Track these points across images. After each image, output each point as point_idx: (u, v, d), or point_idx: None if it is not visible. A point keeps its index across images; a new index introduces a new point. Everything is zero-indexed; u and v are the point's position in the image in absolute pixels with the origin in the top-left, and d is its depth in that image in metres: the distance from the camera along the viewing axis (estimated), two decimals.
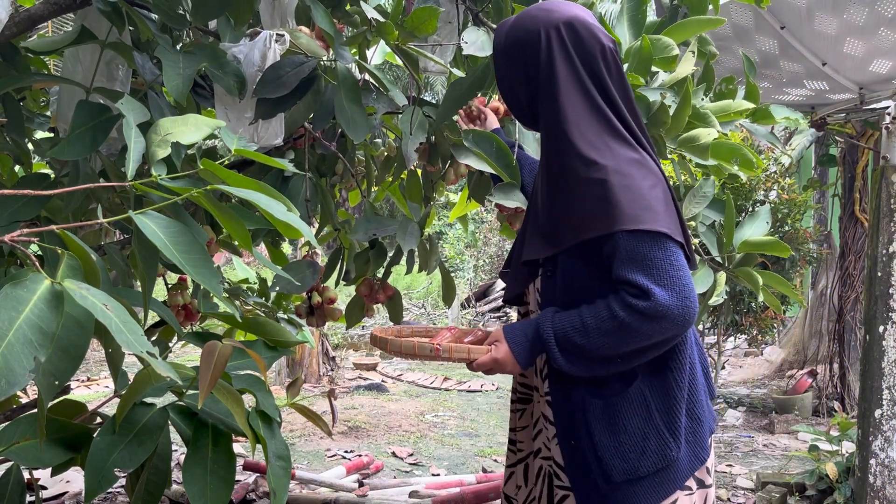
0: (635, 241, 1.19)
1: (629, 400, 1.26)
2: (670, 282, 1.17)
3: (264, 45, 1.56)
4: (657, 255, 1.18)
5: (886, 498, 2.88)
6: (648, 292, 1.17)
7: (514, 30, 1.36)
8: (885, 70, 3.07)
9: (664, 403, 1.26)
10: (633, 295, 1.19)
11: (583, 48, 1.30)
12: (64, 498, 3.23)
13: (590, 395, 1.27)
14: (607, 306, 1.21)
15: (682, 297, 1.17)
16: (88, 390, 6.12)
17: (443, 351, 1.30)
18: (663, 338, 1.20)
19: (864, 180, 5.03)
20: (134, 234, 1.03)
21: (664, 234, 1.20)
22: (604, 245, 1.23)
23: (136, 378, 1.19)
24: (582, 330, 1.22)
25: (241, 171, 1.91)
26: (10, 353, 0.73)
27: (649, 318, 1.17)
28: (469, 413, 5.66)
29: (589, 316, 1.23)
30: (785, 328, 6.75)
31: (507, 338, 1.30)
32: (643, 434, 1.24)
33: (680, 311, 1.17)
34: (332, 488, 3.50)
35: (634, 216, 1.19)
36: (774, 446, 4.80)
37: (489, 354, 1.30)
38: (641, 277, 1.18)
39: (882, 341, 2.90)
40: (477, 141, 1.68)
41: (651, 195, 1.22)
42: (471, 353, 1.31)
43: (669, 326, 1.18)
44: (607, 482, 1.25)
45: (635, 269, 1.19)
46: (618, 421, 1.25)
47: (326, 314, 1.99)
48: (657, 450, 1.24)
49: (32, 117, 2.06)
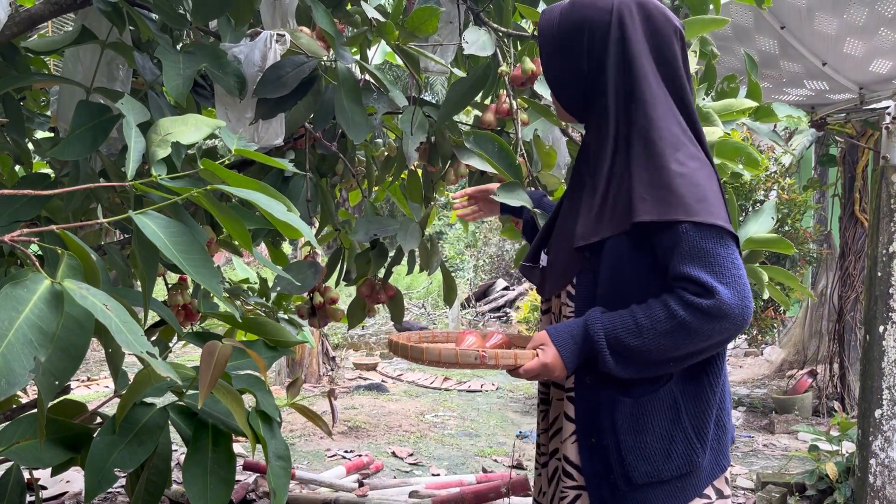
0: (699, 235, 1.14)
1: (659, 401, 1.21)
2: (732, 280, 1.13)
3: (265, 46, 1.56)
4: (720, 251, 1.14)
5: (886, 498, 2.88)
6: (713, 290, 1.12)
7: (575, 10, 1.28)
8: (885, 70, 3.07)
9: (695, 407, 1.22)
10: (695, 293, 1.13)
11: (657, 31, 1.24)
12: (64, 498, 3.23)
13: (619, 394, 1.23)
14: (664, 305, 1.15)
15: (742, 296, 1.13)
16: (88, 390, 6.12)
17: (489, 358, 1.21)
18: (721, 339, 1.16)
19: (864, 180, 5.03)
20: (134, 234, 1.03)
21: (725, 230, 1.15)
22: (660, 235, 1.17)
23: (136, 378, 1.19)
24: (636, 331, 1.16)
25: (242, 171, 1.91)
26: (10, 353, 0.73)
27: (711, 318, 1.12)
28: (469, 413, 5.66)
29: (643, 316, 1.17)
30: (785, 328, 6.75)
31: (555, 341, 1.23)
32: (670, 437, 1.21)
33: (740, 311, 1.13)
34: (332, 488, 3.50)
35: (695, 208, 1.14)
36: (774, 446, 4.80)
37: (536, 360, 1.22)
38: (705, 275, 1.13)
39: (882, 341, 2.90)
40: (478, 141, 1.67)
41: (708, 187, 1.18)
42: (517, 359, 1.23)
43: (729, 326, 1.14)
44: (628, 483, 1.21)
45: (698, 265, 1.13)
46: (645, 421, 1.21)
47: (328, 314, 1.99)
48: (683, 454, 1.21)
49: (33, 117, 2.06)
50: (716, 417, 1.24)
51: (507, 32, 1.83)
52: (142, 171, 1.12)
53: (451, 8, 1.91)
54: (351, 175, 2.20)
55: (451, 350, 1.24)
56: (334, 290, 2.02)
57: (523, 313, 6.56)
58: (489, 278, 11.87)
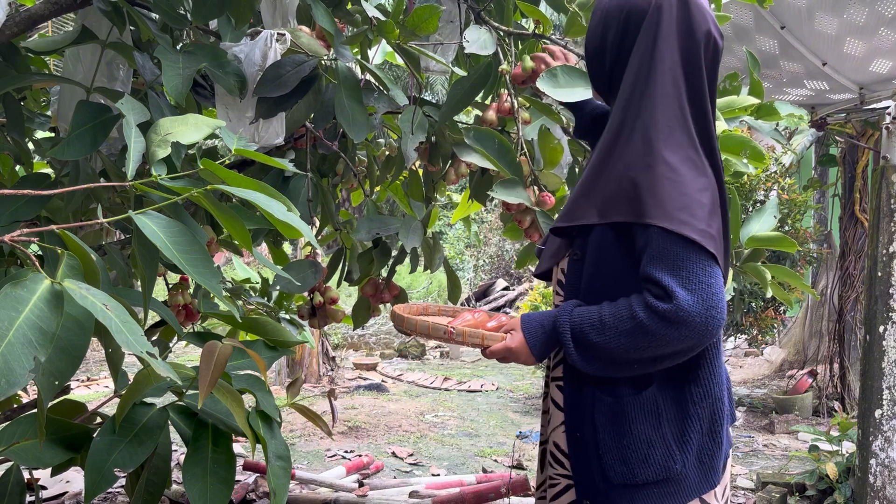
0: (670, 237, 1.12)
1: (640, 405, 1.21)
2: (698, 287, 1.10)
3: (265, 45, 1.56)
4: (690, 256, 1.11)
5: (886, 498, 2.88)
6: (672, 294, 1.10)
7: None
8: (885, 70, 3.07)
9: (677, 415, 1.21)
10: (656, 295, 1.12)
11: (690, 30, 1.21)
12: (64, 498, 3.23)
13: (600, 392, 1.23)
14: (628, 305, 1.15)
15: (707, 305, 1.10)
16: (88, 390, 6.12)
17: (456, 334, 1.25)
18: (682, 346, 1.13)
19: (864, 180, 5.03)
20: (134, 234, 1.03)
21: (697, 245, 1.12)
22: (638, 235, 1.17)
23: (136, 378, 1.19)
24: (599, 327, 1.16)
25: (242, 170, 1.91)
26: (10, 353, 0.73)
27: (668, 323, 1.10)
28: (469, 413, 5.66)
29: (608, 314, 1.16)
30: (785, 328, 6.75)
31: (524, 327, 1.24)
32: (648, 441, 1.19)
33: (702, 320, 1.10)
34: (332, 488, 3.50)
35: (671, 214, 1.12)
36: (774, 446, 4.80)
37: (503, 343, 1.25)
38: (667, 277, 1.10)
39: (882, 341, 2.90)
40: (479, 138, 1.67)
41: (696, 198, 1.15)
42: (485, 340, 1.25)
43: (689, 335, 1.11)
44: (605, 482, 1.22)
45: (663, 267, 1.11)
46: (625, 423, 1.20)
47: (329, 315, 1.99)
48: (660, 460, 1.19)
49: (33, 117, 2.06)
50: (707, 429, 1.22)
51: (509, 31, 1.83)
52: (142, 171, 1.12)
53: (452, 7, 1.91)
54: (352, 175, 2.20)
55: (424, 321, 1.29)
56: (335, 290, 2.02)
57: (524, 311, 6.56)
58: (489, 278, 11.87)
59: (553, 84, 1.61)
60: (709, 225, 1.15)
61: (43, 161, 2.23)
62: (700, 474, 1.23)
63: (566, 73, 1.64)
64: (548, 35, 1.86)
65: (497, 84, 1.88)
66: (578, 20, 1.73)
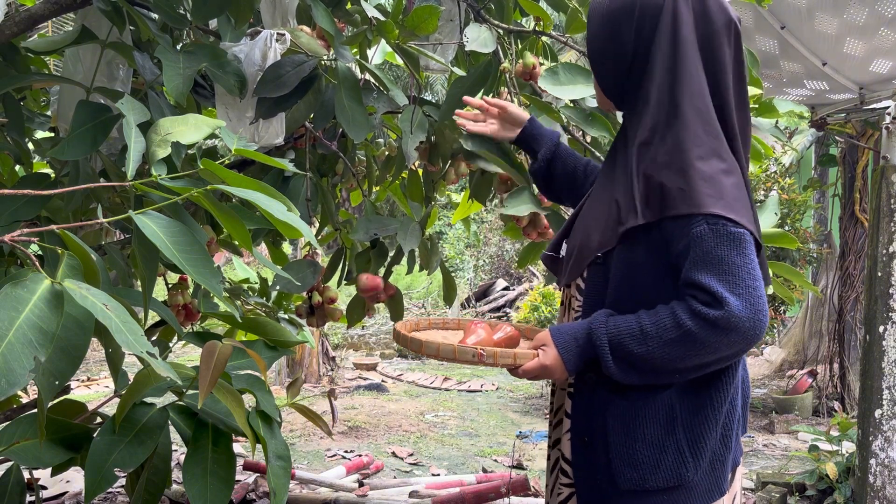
0: (714, 241, 1.08)
1: (654, 409, 1.17)
2: (746, 291, 1.06)
3: (265, 45, 1.56)
4: (735, 260, 1.07)
5: (886, 498, 2.88)
6: (723, 300, 1.06)
7: None
8: (885, 70, 3.07)
9: (693, 421, 1.16)
10: (704, 302, 1.07)
11: (709, 21, 1.18)
12: (64, 498, 3.23)
13: (615, 395, 1.19)
14: (671, 313, 1.10)
15: (755, 309, 1.06)
16: (88, 390, 6.12)
17: (487, 356, 1.17)
18: (729, 353, 1.11)
19: (864, 180, 5.04)
20: (134, 234, 1.03)
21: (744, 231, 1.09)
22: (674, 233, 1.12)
23: (136, 378, 1.19)
24: (640, 338, 1.11)
25: (242, 170, 1.91)
26: (10, 353, 0.73)
27: (719, 330, 1.06)
28: (469, 413, 5.66)
29: (649, 322, 1.11)
30: (785, 328, 6.75)
31: (556, 342, 1.18)
32: (661, 446, 1.16)
33: (751, 325, 1.07)
34: (332, 488, 3.50)
35: (709, 202, 1.09)
36: (774, 446, 4.80)
37: (536, 360, 1.19)
38: (716, 283, 1.06)
39: (882, 341, 2.90)
40: (479, 142, 1.67)
41: (730, 189, 1.12)
42: (517, 359, 1.19)
43: (738, 340, 1.08)
44: (612, 487, 1.18)
45: (710, 272, 1.07)
46: (637, 427, 1.16)
47: (327, 314, 1.99)
48: (672, 466, 1.15)
49: (33, 117, 2.05)
50: (722, 437, 1.19)
51: (509, 29, 1.83)
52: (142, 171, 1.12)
53: (452, 6, 1.91)
54: (351, 174, 2.20)
55: (449, 346, 1.21)
56: (334, 289, 2.02)
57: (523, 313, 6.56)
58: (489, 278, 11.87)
59: (554, 81, 1.61)
60: (750, 215, 1.13)
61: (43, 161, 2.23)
62: (711, 481, 1.19)
63: (567, 71, 1.64)
64: (548, 32, 1.86)
65: (497, 83, 1.88)
66: (579, 16, 1.73)
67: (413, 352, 1.27)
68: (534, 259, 2.13)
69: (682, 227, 1.11)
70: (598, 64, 1.28)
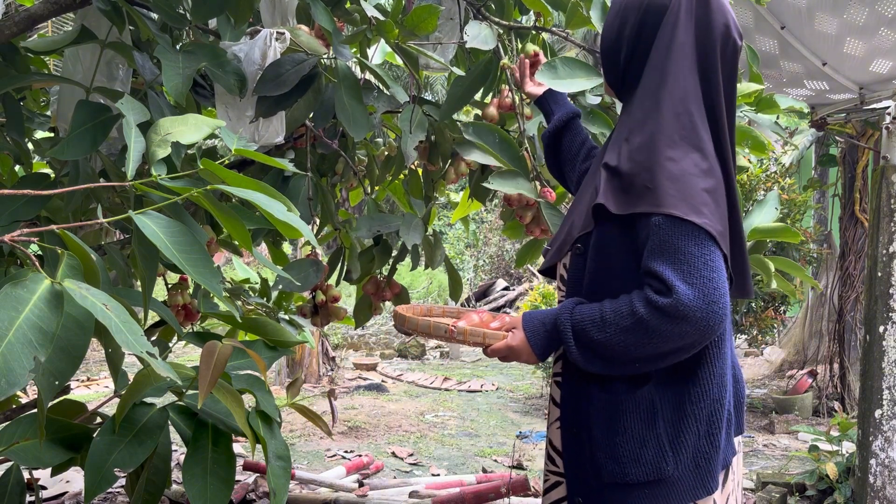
0: (672, 231, 1.09)
1: (635, 403, 1.18)
2: (700, 281, 1.07)
3: (265, 44, 1.56)
4: (692, 250, 1.08)
5: (886, 498, 2.88)
6: (672, 288, 1.07)
7: None
8: (885, 70, 3.07)
9: (673, 415, 1.18)
10: (656, 290, 1.09)
11: (708, 28, 1.21)
12: (64, 498, 3.23)
13: (597, 389, 1.21)
14: (629, 301, 1.12)
15: (708, 300, 1.06)
16: (88, 390, 6.12)
17: (457, 333, 1.25)
18: (683, 343, 1.11)
19: (864, 180, 5.04)
20: (134, 234, 1.03)
21: (704, 231, 1.10)
22: (640, 228, 1.15)
23: (135, 378, 1.19)
24: (600, 324, 1.14)
25: (241, 170, 1.91)
26: (10, 353, 0.73)
27: (668, 318, 1.07)
28: (469, 413, 5.66)
29: (609, 310, 1.14)
30: (785, 328, 6.75)
31: (525, 326, 1.23)
32: (641, 441, 1.17)
33: (703, 315, 1.06)
34: (332, 488, 3.50)
35: (675, 203, 1.10)
36: (774, 446, 4.80)
37: (504, 341, 1.24)
38: (668, 271, 1.08)
39: (882, 341, 2.90)
40: (479, 133, 1.66)
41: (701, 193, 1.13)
42: (486, 339, 1.25)
43: (690, 331, 1.08)
44: (597, 480, 1.21)
45: (664, 260, 1.09)
46: (619, 421, 1.19)
47: (331, 313, 1.99)
48: (652, 460, 1.17)
49: (32, 117, 2.05)
50: (705, 432, 1.19)
51: (509, 26, 1.83)
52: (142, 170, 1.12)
53: (451, 5, 1.90)
54: (352, 174, 2.20)
55: (426, 321, 1.30)
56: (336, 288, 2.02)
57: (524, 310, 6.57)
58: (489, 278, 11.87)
59: (552, 76, 1.62)
60: (713, 220, 1.12)
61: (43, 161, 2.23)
62: (695, 479, 1.19)
63: (566, 65, 1.64)
64: (549, 28, 1.86)
65: (498, 80, 1.88)
66: (579, 11, 1.73)
67: (397, 327, 1.37)
68: (532, 258, 2.13)
69: (646, 223, 1.13)
70: (604, 53, 1.33)
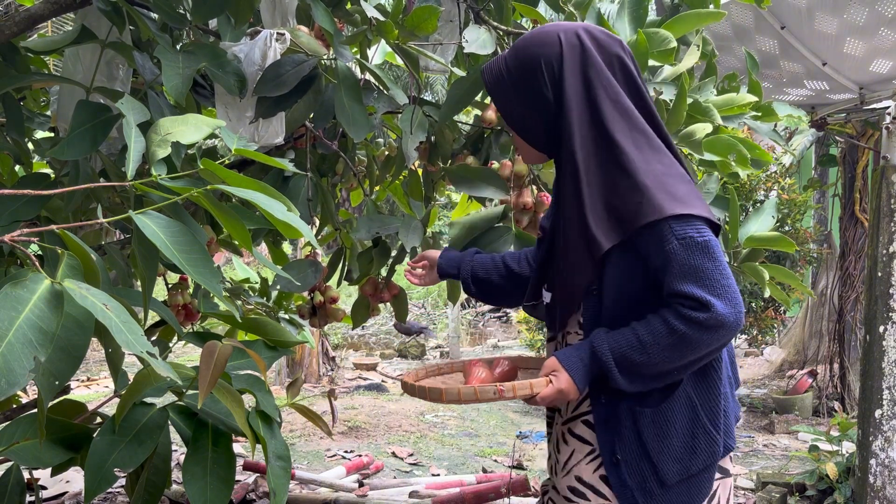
0: (686, 252, 1.20)
1: (676, 402, 1.28)
2: (724, 291, 1.20)
3: (265, 44, 1.56)
4: (708, 265, 1.20)
5: (887, 498, 2.88)
6: (708, 304, 1.19)
7: (523, 52, 1.32)
8: (885, 70, 3.07)
9: (708, 402, 1.29)
10: (692, 308, 1.20)
11: (608, 49, 1.30)
12: (64, 498, 3.23)
13: (638, 406, 1.29)
14: (663, 321, 1.22)
15: (734, 304, 1.20)
16: (88, 390, 6.12)
17: (507, 391, 1.27)
18: (719, 344, 1.23)
19: (864, 180, 5.03)
20: (134, 233, 1.03)
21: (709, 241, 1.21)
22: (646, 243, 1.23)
23: (135, 378, 1.19)
24: (640, 347, 1.23)
25: (242, 170, 1.91)
26: (10, 353, 0.73)
27: (709, 329, 1.19)
28: (469, 413, 5.66)
29: (644, 332, 1.23)
30: (785, 328, 6.75)
31: (565, 366, 1.28)
32: (692, 434, 1.28)
33: (734, 318, 1.20)
34: (332, 488, 3.50)
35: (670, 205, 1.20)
36: (774, 446, 4.80)
37: (551, 386, 1.28)
38: (698, 290, 1.19)
39: (882, 341, 2.89)
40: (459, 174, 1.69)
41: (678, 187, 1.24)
42: (533, 388, 1.28)
43: (726, 333, 1.21)
44: (662, 486, 1.28)
45: (690, 282, 1.20)
46: (668, 425, 1.27)
47: (329, 314, 1.99)
48: (706, 447, 1.28)
49: (32, 117, 2.05)
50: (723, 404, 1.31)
51: (508, 30, 1.83)
52: (142, 170, 1.12)
53: (451, 7, 1.91)
54: (352, 174, 2.20)
55: (470, 389, 1.29)
56: (335, 289, 2.02)
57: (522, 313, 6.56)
58: None
59: None
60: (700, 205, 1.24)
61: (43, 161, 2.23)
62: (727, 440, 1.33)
63: None
64: None
65: None
66: (574, 19, 1.74)
67: (432, 401, 1.34)
68: None
69: (654, 239, 1.22)
70: (523, 128, 1.37)
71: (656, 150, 1.26)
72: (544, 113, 1.32)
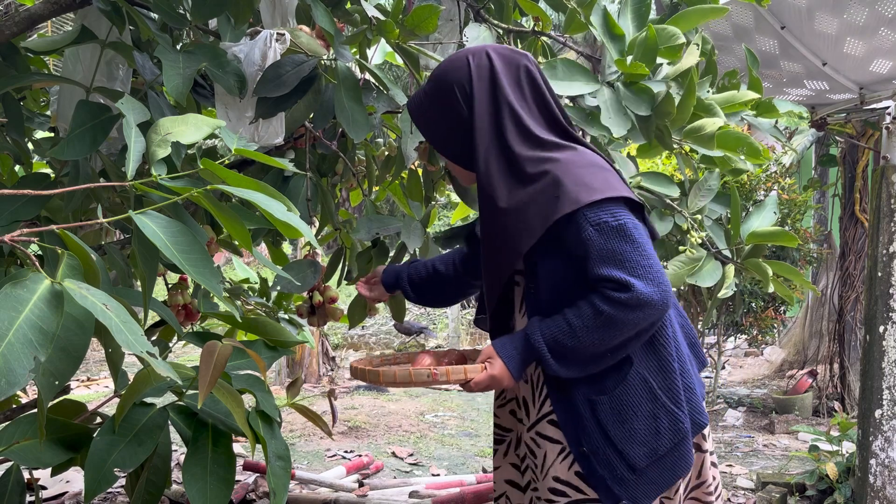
0: (601, 237, 1.25)
1: (632, 386, 1.30)
2: (644, 272, 1.24)
3: (265, 45, 1.56)
4: (626, 248, 1.25)
5: (887, 498, 2.88)
6: (629, 285, 1.23)
7: (439, 80, 1.39)
8: (885, 70, 3.07)
9: (664, 380, 1.32)
10: (613, 289, 1.24)
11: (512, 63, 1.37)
12: (64, 498, 3.23)
13: (594, 395, 1.31)
14: (590, 304, 1.26)
15: (657, 283, 1.24)
16: (88, 390, 6.12)
17: (440, 375, 1.32)
18: (647, 323, 1.27)
19: (864, 180, 5.03)
20: (134, 233, 1.03)
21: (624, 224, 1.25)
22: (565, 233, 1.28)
23: (135, 378, 1.19)
24: (570, 332, 1.27)
25: (241, 170, 1.91)
26: (10, 353, 0.73)
27: (632, 308, 1.23)
28: (469, 413, 5.66)
29: (574, 317, 1.27)
30: (785, 328, 6.75)
31: (500, 353, 1.33)
32: (653, 415, 1.30)
33: (659, 297, 1.24)
34: (332, 488, 3.50)
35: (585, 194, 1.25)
36: (774, 446, 4.80)
37: (485, 373, 1.33)
38: (617, 272, 1.24)
39: (882, 341, 2.89)
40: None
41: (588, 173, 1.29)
42: (467, 374, 1.33)
43: (652, 312, 1.25)
44: (632, 471, 1.30)
45: (610, 265, 1.25)
46: (627, 409, 1.30)
47: (328, 314, 1.99)
48: (670, 426, 1.30)
49: (32, 117, 2.05)
50: (681, 382, 1.33)
51: (508, 29, 1.83)
52: (142, 170, 1.12)
53: (452, 6, 1.91)
54: (351, 174, 2.19)
55: (405, 370, 1.35)
56: (334, 289, 2.02)
57: None
58: None
59: (551, 76, 1.62)
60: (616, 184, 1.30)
61: (43, 161, 2.23)
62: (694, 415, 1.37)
63: (566, 67, 1.65)
64: (547, 32, 1.86)
65: None
66: (577, 16, 1.73)
67: (372, 383, 1.40)
68: None
69: (572, 229, 1.27)
70: (450, 150, 1.44)
71: (564, 148, 1.32)
72: (462, 131, 1.38)
